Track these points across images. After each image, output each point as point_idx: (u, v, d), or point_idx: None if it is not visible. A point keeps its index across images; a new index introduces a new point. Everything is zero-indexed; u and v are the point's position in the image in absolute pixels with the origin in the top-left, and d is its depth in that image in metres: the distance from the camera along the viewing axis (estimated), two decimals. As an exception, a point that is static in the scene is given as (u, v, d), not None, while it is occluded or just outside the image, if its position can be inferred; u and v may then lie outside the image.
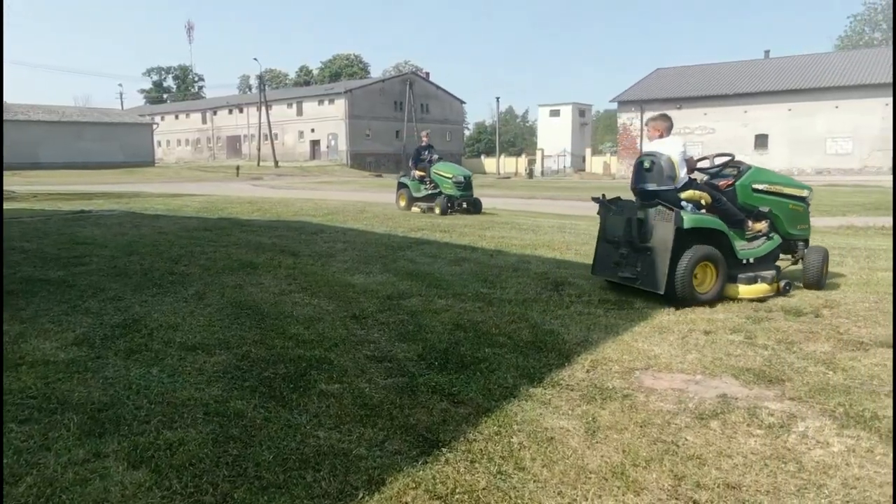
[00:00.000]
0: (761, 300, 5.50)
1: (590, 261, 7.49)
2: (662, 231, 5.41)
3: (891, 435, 2.97)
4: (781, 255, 6.20)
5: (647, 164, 5.78)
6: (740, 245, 5.76)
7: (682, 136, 6.43)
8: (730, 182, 5.98)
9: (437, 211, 14.22)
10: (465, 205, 14.56)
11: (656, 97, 48.09)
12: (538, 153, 62.25)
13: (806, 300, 5.49)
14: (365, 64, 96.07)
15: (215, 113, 76.09)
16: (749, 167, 6.10)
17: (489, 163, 68.00)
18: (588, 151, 62.11)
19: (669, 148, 5.80)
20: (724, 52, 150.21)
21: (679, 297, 5.30)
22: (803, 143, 42.71)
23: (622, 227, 5.71)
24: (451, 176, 14.59)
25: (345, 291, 5.79)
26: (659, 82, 51.10)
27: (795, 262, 6.28)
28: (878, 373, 3.79)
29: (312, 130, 66.56)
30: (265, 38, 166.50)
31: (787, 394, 3.49)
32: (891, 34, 71.15)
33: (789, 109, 43.11)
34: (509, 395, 3.42)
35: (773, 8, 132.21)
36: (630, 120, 49.35)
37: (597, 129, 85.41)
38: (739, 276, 5.58)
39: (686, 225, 5.31)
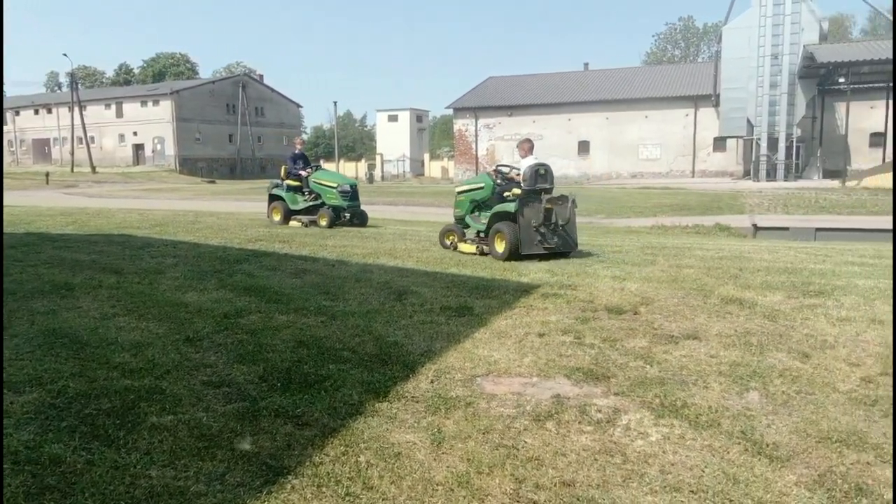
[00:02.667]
0: None
1: (431, 268, 7.67)
2: (567, 212, 8.43)
3: (699, 421, 3.32)
4: None
5: (542, 171, 8.48)
6: None
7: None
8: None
9: (324, 224, 12.88)
10: (350, 217, 13.29)
11: (489, 104, 50.26)
12: (378, 158, 62.57)
13: (626, 298, 6.00)
14: (192, 64, 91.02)
15: (18, 113, 68.32)
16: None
17: (328, 168, 67.11)
18: (426, 156, 63.49)
19: (533, 161, 8.54)
20: (549, 62, 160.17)
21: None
22: (620, 149, 46.71)
23: (541, 214, 8.21)
24: (335, 185, 13.33)
25: (176, 312, 5.44)
26: (491, 90, 53.41)
27: None
28: (687, 363, 4.23)
29: (135, 133, 61.88)
30: (76, 33, 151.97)
31: (612, 389, 3.79)
32: (687, 53, 79.86)
33: (607, 118, 46.95)
34: (355, 413, 3.40)
35: (591, 21, 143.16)
36: (465, 126, 51.11)
37: (434, 135, 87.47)
38: None
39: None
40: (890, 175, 30.27)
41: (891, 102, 29.48)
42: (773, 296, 6.07)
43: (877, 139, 39.15)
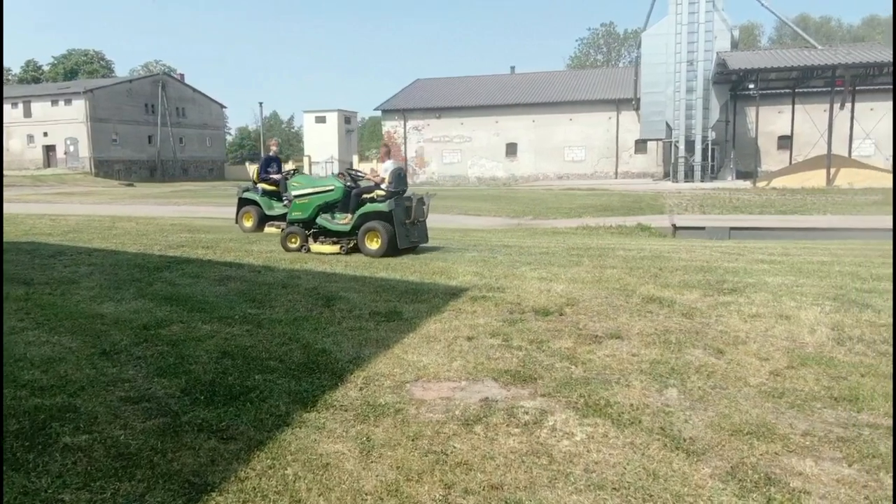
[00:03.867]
0: None
1: (359, 272, 7.61)
2: (423, 210, 9.61)
3: (621, 419, 3.43)
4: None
5: (402, 174, 9.50)
6: None
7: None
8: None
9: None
10: None
11: (417, 106, 50.31)
12: (305, 159, 61.57)
13: (552, 300, 6.13)
14: (108, 62, 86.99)
15: (-89, 112, 63.53)
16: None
17: (254, 170, 65.46)
18: (355, 158, 62.89)
19: (393, 165, 9.61)
20: (476, 66, 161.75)
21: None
22: (546, 151, 47.65)
23: (406, 212, 9.21)
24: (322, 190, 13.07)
25: (91, 324, 5.20)
26: (419, 92, 53.48)
27: None
28: (610, 363, 4.37)
29: (45, 134, 58.63)
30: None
31: (539, 391, 3.86)
32: (609, 57, 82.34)
33: (533, 121, 47.80)
34: (282, 424, 3.34)
35: (517, 25, 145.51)
36: (394, 127, 50.99)
37: (362, 136, 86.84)
38: None
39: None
40: (797, 176, 32.11)
41: (890, 104, 30.90)
42: (690, 294, 6.33)
43: (784, 142, 41.43)
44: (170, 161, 63.40)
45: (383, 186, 9.39)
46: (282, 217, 12.55)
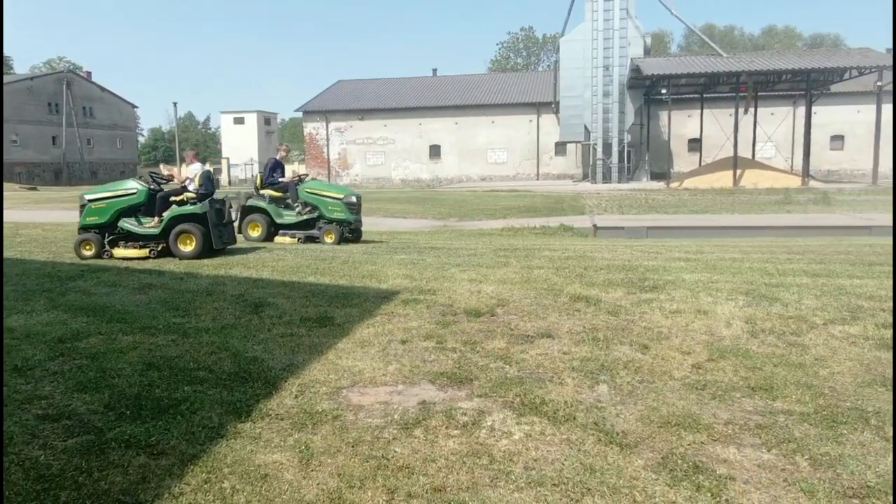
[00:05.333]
0: None
1: (287, 277, 7.47)
2: (232, 213, 10.18)
3: (557, 417, 3.52)
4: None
5: (210, 177, 9.79)
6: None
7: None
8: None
9: (331, 241, 11.53)
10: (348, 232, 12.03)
11: (340, 108, 49.80)
12: (224, 162, 59.83)
13: (483, 301, 6.21)
14: (6, 58, 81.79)
15: None
16: None
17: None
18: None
19: (201, 167, 9.88)
20: (398, 68, 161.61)
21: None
22: (469, 153, 48.14)
23: (218, 214, 9.48)
24: (341, 196, 11.92)
25: None
26: (341, 94, 52.94)
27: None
28: (543, 361, 4.47)
29: (-65, 135, 54.44)
30: None
31: (476, 392, 3.91)
32: (530, 61, 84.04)
33: (456, 123, 48.20)
34: (216, 436, 3.25)
35: (439, 29, 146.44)
36: (316, 129, 50.26)
37: (283, 138, 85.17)
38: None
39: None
40: (706, 177, 33.74)
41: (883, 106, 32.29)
42: (614, 292, 6.55)
43: (694, 145, 43.44)
44: (77, 163, 60.16)
45: (192, 188, 9.54)
46: (294, 226, 11.92)
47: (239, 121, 62.78)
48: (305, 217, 11.90)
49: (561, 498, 2.72)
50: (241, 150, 60.46)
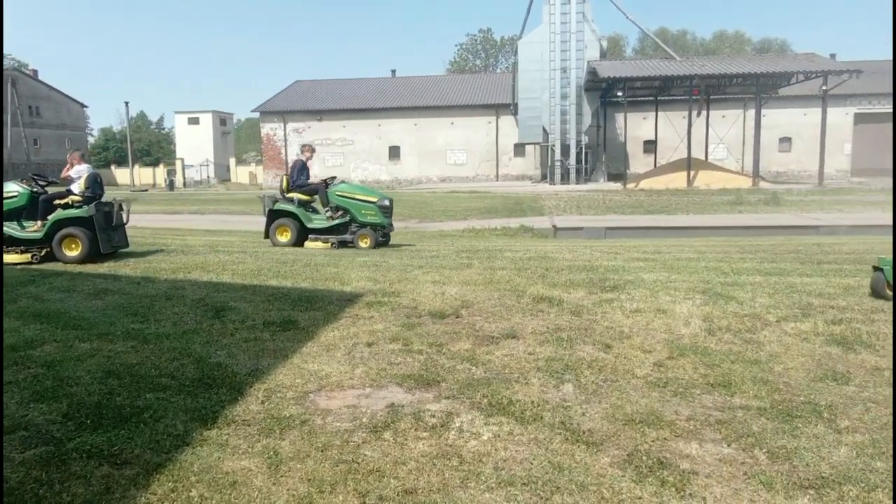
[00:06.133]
0: None
1: (248, 280, 7.37)
2: (122, 216, 9.57)
3: (524, 417, 3.56)
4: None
5: (98, 179, 9.34)
6: None
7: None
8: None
9: (367, 245, 11.22)
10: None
11: (298, 108, 49.32)
12: (178, 163, 58.64)
13: (447, 303, 6.23)
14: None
15: None
16: None
17: (121, 174, 61.50)
18: (232, 161, 60.72)
19: (88, 169, 9.48)
20: (356, 68, 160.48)
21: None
22: (429, 155, 48.20)
23: (107, 217, 9.13)
24: (375, 200, 11.58)
25: (-51, 347, 4.70)
26: (299, 94, 52.42)
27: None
28: (509, 362, 4.51)
29: None
30: None
31: (443, 393, 3.93)
32: (489, 63, 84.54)
33: (415, 124, 48.20)
34: (181, 444, 3.19)
35: (397, 30, 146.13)
36: (273, 130, 49.68)
37: (239, 138, 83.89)
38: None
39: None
40: (661, 178, 34.44)
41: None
42: (576, 292, 6.65)
43: (649, 146, 44.35)
44: (23, 164, 58.14)
45: (77, 192, 9.17)
46: (326, 230, 11.57)
47: (193, 121, 61.58)
48: (337, 221, 11.59)
49: (531, 497, 2.76)
50: (196, 151, 59.30)
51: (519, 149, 46.86)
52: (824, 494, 2.78)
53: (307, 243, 11.52)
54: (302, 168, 12.03)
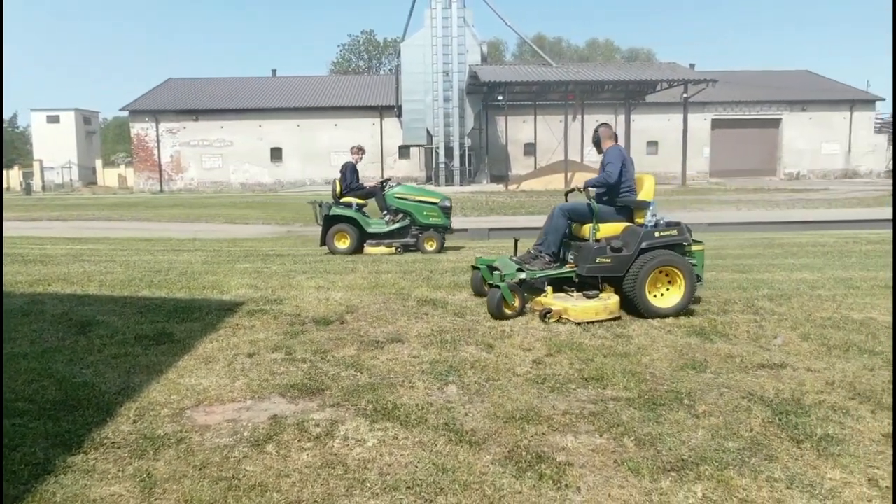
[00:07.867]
0: None
1: (118, 292, 6.95)
2: None
3: (409, 420, 3.60)
4: None
5: None
6: None
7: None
8: None
9: (432, 248, 10.98)
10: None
11: (171, 108, 46.93)
12: (36, 165, 54.08)
13: (331, 308, 6.17)
14: None
15: None
16: None
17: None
18: (99, 163, 56.80)
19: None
20: (233, 67, 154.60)
21: None
22: (312, 156, 47.33)
23: None
24: (437, 200, 11.27)
25: None
26: (173, 93, 49.89)
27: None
28: (393, 366, 4.54)
29: None
30: None
31: (328, 401, 3.90)
32: (372, 64, 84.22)
33: (298, 125, 47.19)
34: (42, 473, 2.97)
35: (278, 29, 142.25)
36: (144, 130, 47.00)
37: (106, 139, 78.57)
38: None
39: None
40: (541, 179, 35.76)
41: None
42: (460, 294, 6.79)
43: (529, 148, 45.96)
44: None
45: None
46: (386, 235, 11.09)
47: (53, 119, 56.98)
48: (397, 225, 11.30)
49: (415, 500, 2.80)
50: (57, 153, 54.91)
51: (404, 151, 47.05)
52: (684, 476, 3.02)
53: (367, 249, 11.21)
54: (353, 170, 11.76)
